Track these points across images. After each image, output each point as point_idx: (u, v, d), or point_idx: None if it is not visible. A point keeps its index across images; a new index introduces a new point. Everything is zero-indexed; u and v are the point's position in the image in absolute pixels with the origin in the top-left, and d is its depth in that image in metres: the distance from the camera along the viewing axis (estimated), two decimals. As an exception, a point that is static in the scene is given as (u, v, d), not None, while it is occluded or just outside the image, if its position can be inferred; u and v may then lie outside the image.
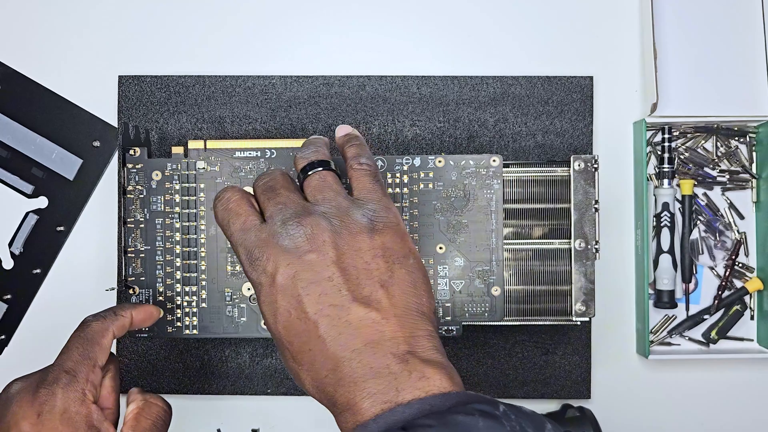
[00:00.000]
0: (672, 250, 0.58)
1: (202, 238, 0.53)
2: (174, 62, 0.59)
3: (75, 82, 0.59)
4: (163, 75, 0.58)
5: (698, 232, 0.59)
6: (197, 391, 0.58)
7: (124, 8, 0.59)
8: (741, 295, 0.59)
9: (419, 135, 0.58)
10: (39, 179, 0.59)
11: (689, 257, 0.59)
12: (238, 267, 0.53)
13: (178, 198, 0.53)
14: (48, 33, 0.59)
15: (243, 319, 0.53)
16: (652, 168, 0.59)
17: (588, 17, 0.60)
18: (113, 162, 0.59)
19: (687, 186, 0.59)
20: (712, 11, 0.58)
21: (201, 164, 0.53)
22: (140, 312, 0.48)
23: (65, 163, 0.59)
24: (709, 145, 0.60)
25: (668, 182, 0.58)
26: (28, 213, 0.59)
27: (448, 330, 0.52)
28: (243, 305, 0.53)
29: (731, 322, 0.59)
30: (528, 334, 0.58)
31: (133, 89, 0.58)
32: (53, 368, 0.43)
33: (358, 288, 0.38)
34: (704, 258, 0.59)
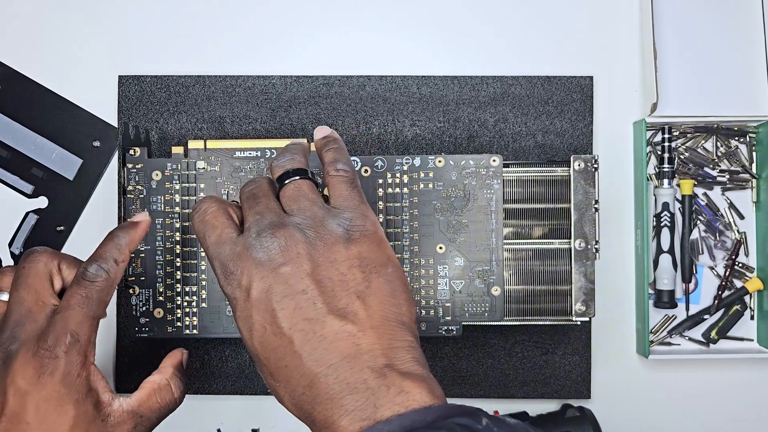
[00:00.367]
0: (672, 250, 0.58)
1: (202, 238, 0.53)
2: (174, 62, 0.59)
3: (75, 82, 0.59)
4: (163, 75, 0.58)
5: (698, 232, 0.59)
6: (197, 391, 0.58)
7: (124, 8, 0.59)
8: (741, 295, 0.59)
9: (419, 135, 0.58)
10: (39, 179, 0.59)
11: (689, 257, 0.59)
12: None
13: (178, 198, 0.53)
14: (48, 33, 0.59)
15: (243, 319, 0.53)
16: (652, 168, 0.59)
17: (588, 17, 0.60)
18: (113, 162, 0.59)
19: (687, 186, 0.59)
20: (712, 11, 0.58)
21: (201, 164, 0.53)
22: (135, 239, 0.45)
23: (65, 163, 0.59)
24: (709, 145, 0.60)
25: (668, 182, 0.58)
26: (28, 213, 0.59)
27: (448, 330, 0.52)
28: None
29: (731, 322, 0.59)
30: (528, 334, 0.58)
31: (133, 89, 0.58)
32: (55, 326, 0.41)
33: (334, 300, 0.37)
34: (704, 258, 0.59)
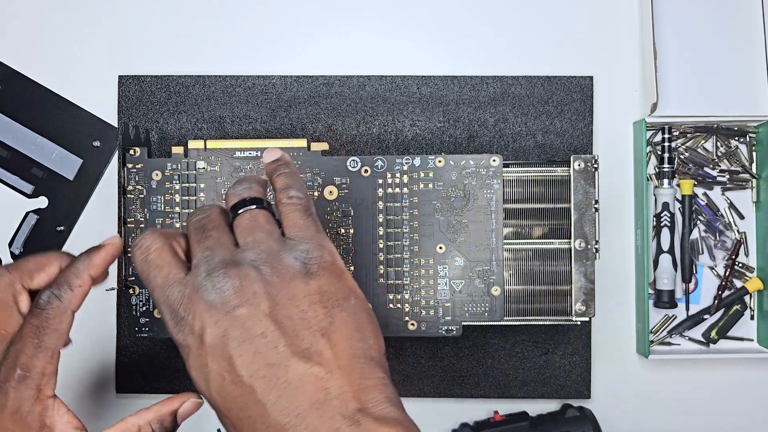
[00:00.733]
0: (672, 250, 0.58)
1: (202, 238, 0.53)
2: (174, 62, 0.59)
3: (75, 82, 0.59)
4: (163, 75, 0.58)
5: (698, 232, 0.59)
6: (197, 392, 0.58)
7: (124, 8, 0.59)
8: (741, 295, 0.59)
9: (419, 135, 0.58)
10: (39, 179, 0.59)
11: (689, 257, 0.59)
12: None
13: (178, 198, 0.53)
14: (48, 33, 0.59)
15: (243, 319, 0.53)
16: (652, 168, 0.59)
17: (588, 17, 0.60)
18: (113, 162, 0.59)
19: (687, 186, 0.59)
20: (712, 11, 0.58)
21: (201, 164, 0.53)
22: (98, 263, 0.41)
23: (65, 163, 0.59)
24: (709, 145, 0.60)
25: (668, 182, 0.58)
26: (28, 213, 0.59)
27: (448, 330, 0.52)
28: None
29: (731, 322, 0.59)
30: (528, 334, 0.58)
31: (133, 89, 0.58)
32: (7, 360, 0.39)
33: (297, 341, 0.34)
34: (704, 258, 0.59)
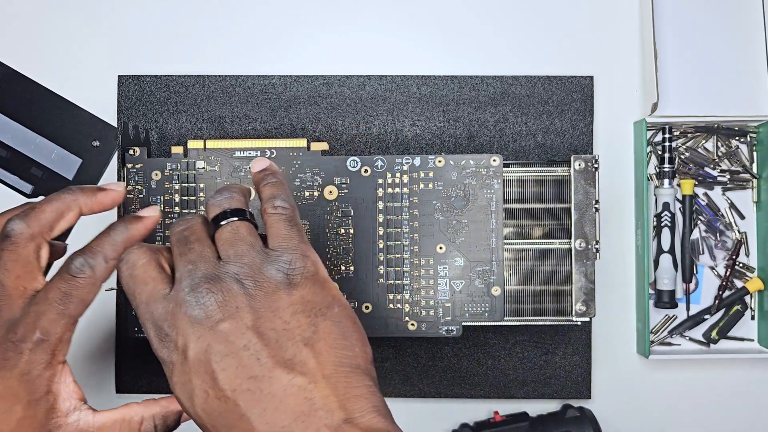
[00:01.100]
0: (672, 250, 0.58)
1: (202, 238, 0.53)
2: (174, 62, 0.59)
3: (75, 82, 0.59)
4: (163, 75, 0.58)
5: (699, 232, 0.59)
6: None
7: (124, 8, 0.59)
8: (741, 295, 0.59)
9: (419, 135, 0.58)
10: (39, 179, 0.59)
11: (690, 257, 0.59)
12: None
13: (178, 198, 0.53)
14: (48, 33, 0.59)
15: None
16: (653, 168, 0.59)
17: (588, 17, 0.60)
18: (113, 162, 0.59)
19: (687, 186, 0.59)
20: (712, 11, 0.58)
21: (201, 164, 0.53)
22: (135, 236, 0.41)
23: (65, 163, 0.59)
24: (710, 145, 0.59)
25: (669, 182, 0.58)
26: (28, 213, 0.59)
27: (448, 330, 0.52)
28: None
29: (732, 322, 0.59)
30: (528, 334, 0.58)
31: (133, 89, 0.58)
32: (27, 320, 0.38)
33: (280, 351, 0.34)
34: (705, 258, 0.59)
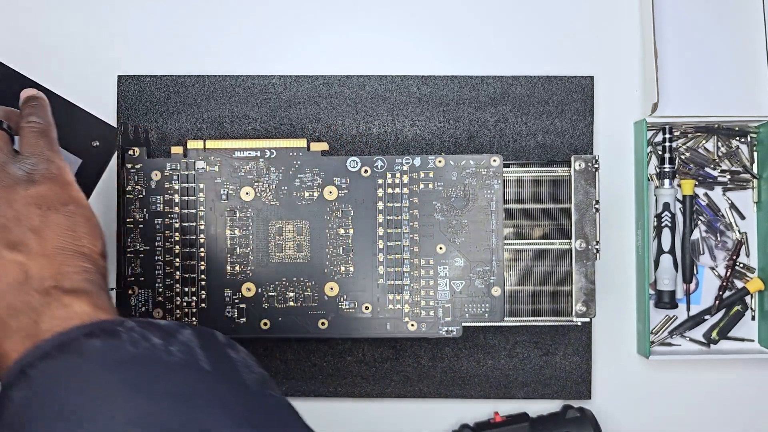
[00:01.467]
0: (673, 251, 0.58)
1: (202, 238, 0.53)
2: (174, 62, 0.59)
3: (75, 82, 0.59)
4: (163, 75, 0.58)
5: (699, 233, 0.59)
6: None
7: (124, 8, 0.59)
8: (742, 296, 0.59)
9: (419, 135, 0.58)
10: (38, 179, 0.59)
11: (690, 257, 0.59)
12: (238, 267, 0.53)
13: (178, 198, 0.53)
14: (48, 33, 0.59)
15: (243, 320, 0.53)
16: (653, 168, 0.59)
17: (588, 17, 0.60)
18: (113, 162, 0.59)
19: (688, 186, 0.58)
20: (712, 11, 0.58)
21: (200, 164, 0.53)
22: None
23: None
24: (710, 145, 0.59)
25: (669, 182, 0.58)
26: (28, 213, 0.59)
27: (449, 330, 0.52)
28: (243, 305, 0.53)
29: (732, 323, 0.59)
30: (528, 335, 0.58)
31: (133, 89, 0.58)
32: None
33: (7, 234, 0.39)
34: (705, 258, 0.59)
